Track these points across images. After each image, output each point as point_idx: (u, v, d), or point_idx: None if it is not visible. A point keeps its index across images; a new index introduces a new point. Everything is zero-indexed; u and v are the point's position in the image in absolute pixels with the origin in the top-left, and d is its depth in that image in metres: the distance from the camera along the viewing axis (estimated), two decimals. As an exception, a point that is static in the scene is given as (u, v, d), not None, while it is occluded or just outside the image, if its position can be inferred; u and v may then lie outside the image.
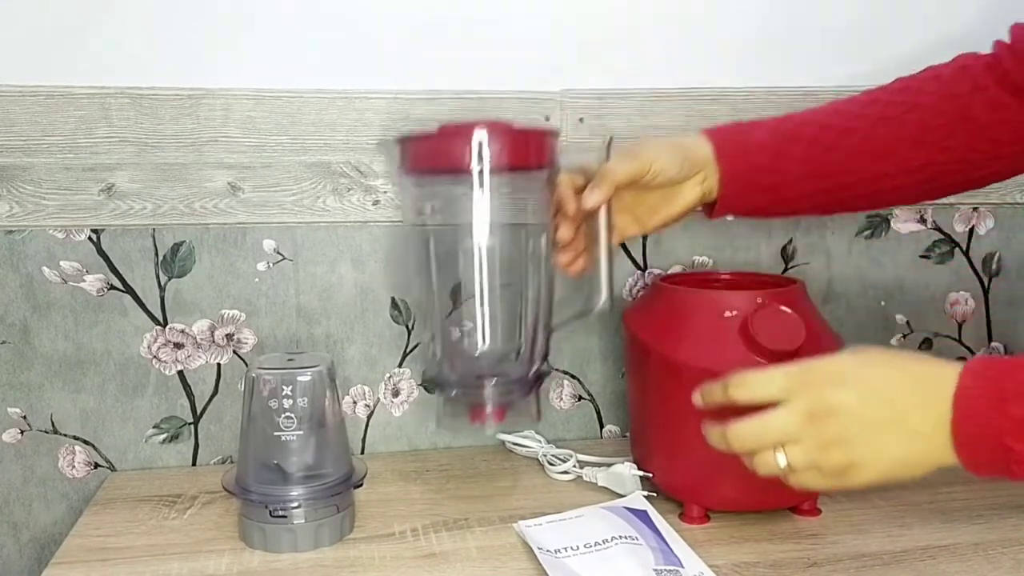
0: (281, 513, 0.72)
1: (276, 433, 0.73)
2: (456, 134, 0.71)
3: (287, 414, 0.73)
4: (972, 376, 0.54)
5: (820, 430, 0.56)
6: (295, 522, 0.72)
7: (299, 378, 0.73)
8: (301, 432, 0.73)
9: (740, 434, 0.59)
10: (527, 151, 0.73)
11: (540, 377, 0.79)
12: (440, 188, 0.77)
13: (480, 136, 0.70)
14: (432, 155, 0.74)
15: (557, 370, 0.98)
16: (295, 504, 0.72)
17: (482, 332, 0.73)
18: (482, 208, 0.72)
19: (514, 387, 0.77)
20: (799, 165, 0.74)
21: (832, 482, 0.58)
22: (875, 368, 0.57)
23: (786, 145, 0.74)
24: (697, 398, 0.64)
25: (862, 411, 0.55)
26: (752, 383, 0.60)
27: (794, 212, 0.84)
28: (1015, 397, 0.52)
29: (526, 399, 0.78)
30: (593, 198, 0.72)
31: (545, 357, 0.80)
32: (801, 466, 0.57)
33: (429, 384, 0.82)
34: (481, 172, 0.70)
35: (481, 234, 0.73)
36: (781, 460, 0.57)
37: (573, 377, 0.99)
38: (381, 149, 0.83)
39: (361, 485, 0.76)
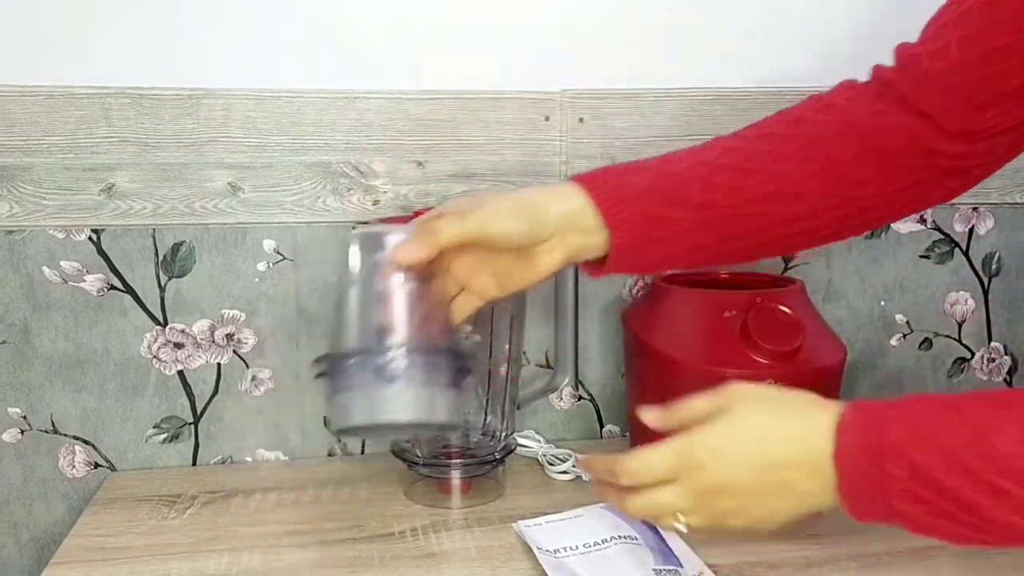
0: (391, 372, 0.60)
1: (382, 290, 0.63)
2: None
3: (397, 272, 0.63)
4: (849, 434, 0.53)
5: (713, 505, 0.56)
6: (407, 383, 0.60)
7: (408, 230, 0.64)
8: (411, 287, 0.63)
9: (637, 508, 0.59)
10: None
11: (507, 452, 0.84)
12: None
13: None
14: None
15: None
16: (406, 361, 0.60)
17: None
18: None
19: (482, 463, 0.82)
20: (694, 212, 0.64)
21: (739, 534, 0.59)
22: (754, 436, 0.56)
23: (677, 190, 0.65)
24: (584, 470, 0.64)
25: (750, 484, 0.55)
26: (638, 471, 0.58)
27: (691, 264, 0.70)
28: (891, 454, 0.51)
29: (493, 472, 0.83)
30: (406, 254, 0.62)
31: (511, 432, 0.85)
32: (702, 529, 0.58)
33: (398, 455, 0.83)
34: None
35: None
36: (681, 527, 0.58)
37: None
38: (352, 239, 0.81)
39: (471, 371, 0.65)
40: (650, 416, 0.60)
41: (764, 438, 0.55)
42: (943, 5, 0.63)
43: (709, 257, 0.68)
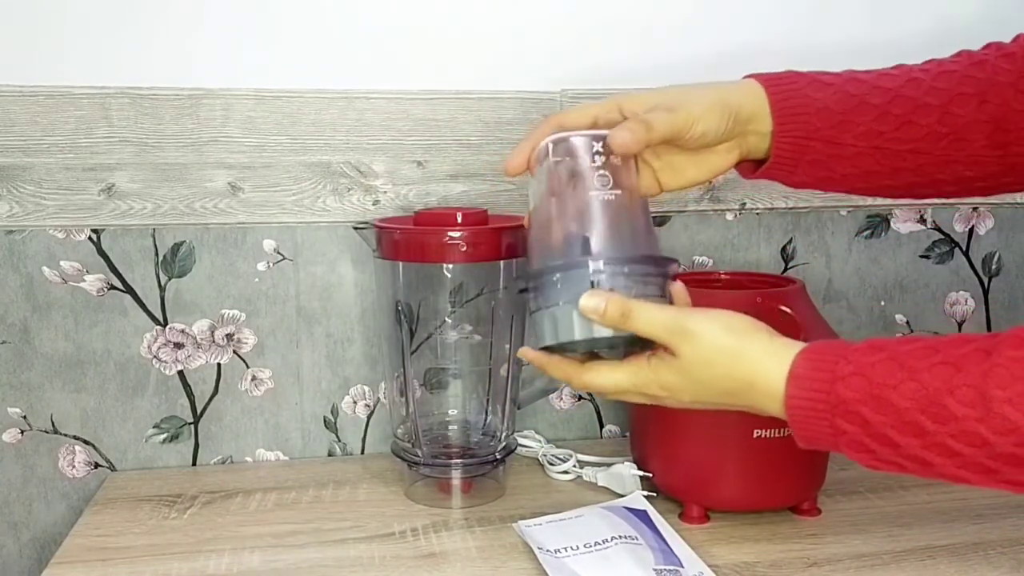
0: (604, 282, 0.57)
1: (592, 192, 0.60)
2: (431, 233, 0.77)
3: (600, 172, 0.60)
4: (800, 384, 0.54)
5: (668, 405, 0.61)
6: (626, 291, 0.58)
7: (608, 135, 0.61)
8: (619, 192, 0.60)
9: (578, 384, 0.62)
10: (499, 245, 0.77)
11: (508, 452, 0.84)
12: (413, 270, 0.82)
13: (456, 233, 0.75)
14: (408, 248, 0.79)
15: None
16: (624, 271, 0.58)
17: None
18: (456, 288, 0.76)
19: (482, 463, 0.82)
20: (863, 140, 0.64)
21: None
22: (704, 384, 0.58)
23: (851, 113, 0.64)
24: (522, 354, 0.64)
25: (700, 410, 0.61)
26: (592, 386, 0.62)
27: (847, 190, 0.70)
28: (843, 411, 0.53)
29: (493, 472, 0.84)
30: (622, 138, 0.60)
31: (511, 432, 0.86)
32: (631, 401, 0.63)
33: (398, 455, 0.83)
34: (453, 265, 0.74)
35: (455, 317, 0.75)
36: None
37: (573, 377, 0.99)
38: (359, 235, 0.83)
39: (675, 277, 0.62)
40: (591, 304, 0.58)
41: (715, 390, 0.58)
42: None
43: (867, 186, 0.69)
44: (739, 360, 0.57)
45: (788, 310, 0.74)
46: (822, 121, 0.64)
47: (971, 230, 1.03)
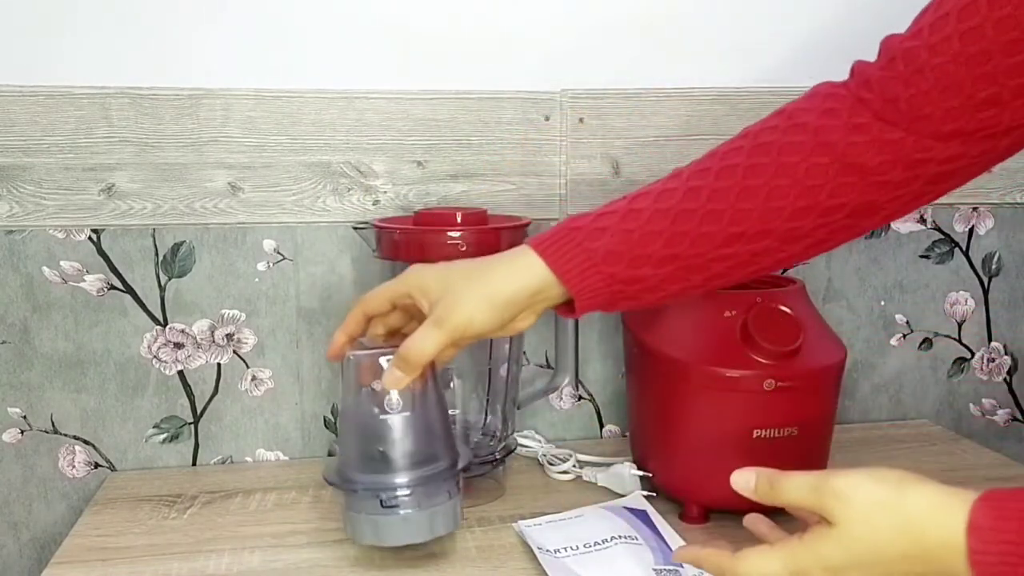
0: (393, 503, 0.67)
1: (382, 417, 0.67)
2: (431, 233, 0.78)
3: (392, 396, 0.67)
4: (982, 536, 0.47)
5: None
6: (408, 511, 0.67)
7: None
8: (408, 413, 0.67)
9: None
10: (498, 245, 0.77)
11: (508, 452, 0.84)
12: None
13: (456, 233, 0.76)
14: (408, 247, 0.79)
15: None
16: (407, 492, 0.67)
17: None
18: None
19: (482, 463, 0.81)
20: (660, 267, 0.64)
21: None
22: (872, 558, 0.50)
23: (639, 248, 0.64)
24: (678, 558, 0.60)
25: None
26: (748, 574, 0.54)
27: (664, 303, 0.72)
28: None
29: (493, 472, 0.83)
30: (395, 382, 0.65)
31: (511, 432, 0.86)
32: None
33: None
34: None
35: None
36: None
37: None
38: (358, 235, 0.83)
39: (468, 469, 0.71)
40: (741, 481, 0.57)
41: (885, 560, 0.50)
42: None
43: (683, 300, 0.70)
44: (901, 513, 0.50)
45: (788, 310, 0.74)
46: (613, 266, 0.64)
47: (971, 230, 1.03)
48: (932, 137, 0.60)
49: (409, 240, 0.79)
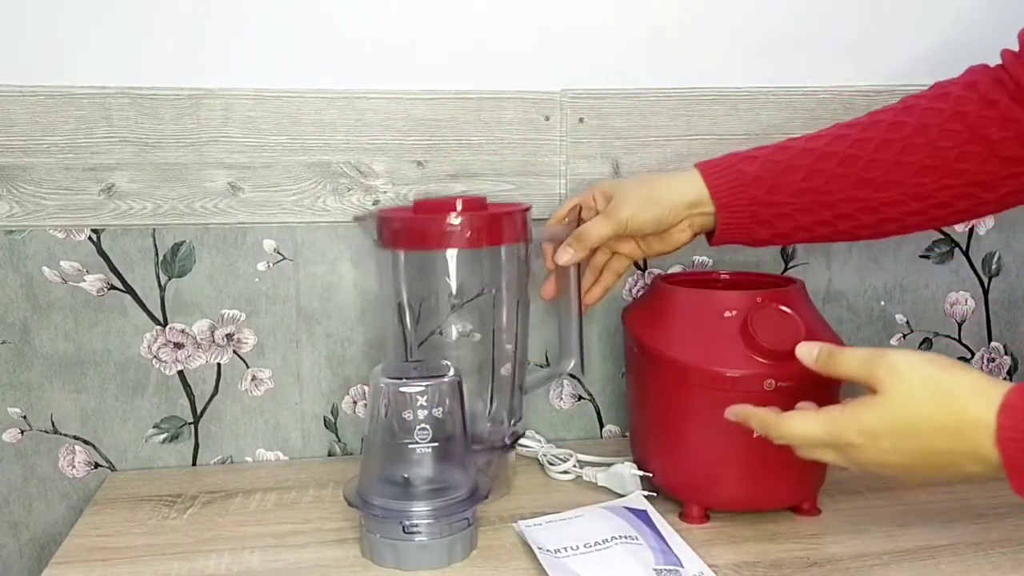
0: (414, 530, 0.69)
1: (411, 445, 0.69)
2: (432, 220, 0.77)
3: (421, 425, 0.69)
4: (1013, 415, 0.52)
5: (863, 466, 0.59)
6: (428, 538, 0.69)
7: (436, 388, 0.70)
8: (436, 444, 0.70)
9: (775, 435, 0.62)
10: (500, 230, 0.79)
11: (516, 438, 0.84)
12: (416, 263, 0.82)
13: (455, 218, 0.76)
14: (409, 235, 0.79)
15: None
16: (429, 520, 0.69)
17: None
18: (458, 282, 0.78)
19: (491, 451, 0.82)
20: (796, 197, 0.73)
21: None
22: (910, 428, 0.55)
23: (782, 177, 0.73)
24: (731, 414, 0.66)
25: (904, 466, 0.57)
26: (788, 436, 0.61)
27: (796, 241, 0.84)
28: None
29: (501, 461, 0.83)
30: (563, 257, 0.78)
31: (519, 418, 0.85)
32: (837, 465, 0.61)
33: None
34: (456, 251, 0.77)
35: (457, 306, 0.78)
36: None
37: (573, 377, 0.99)
38: (359, 225, 0.84)
39: (487, 497, 0.72)
40: (805, 352, 0.63)
41: (919, 432, 0.55)
42: None
43: (813, 235, 0.76)
44: (943, 389, 0.55)
45: (788, 310, 0.74)
46: (756, 189, 0.74)
47: (971, 230, 1.03)
48: None
49: (410, 227, 0.78)
